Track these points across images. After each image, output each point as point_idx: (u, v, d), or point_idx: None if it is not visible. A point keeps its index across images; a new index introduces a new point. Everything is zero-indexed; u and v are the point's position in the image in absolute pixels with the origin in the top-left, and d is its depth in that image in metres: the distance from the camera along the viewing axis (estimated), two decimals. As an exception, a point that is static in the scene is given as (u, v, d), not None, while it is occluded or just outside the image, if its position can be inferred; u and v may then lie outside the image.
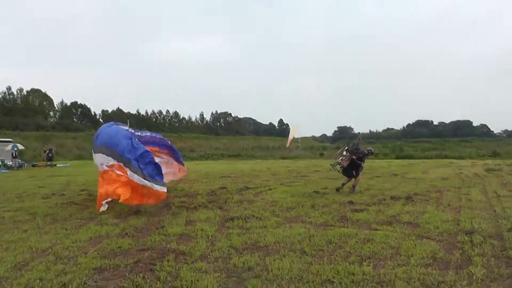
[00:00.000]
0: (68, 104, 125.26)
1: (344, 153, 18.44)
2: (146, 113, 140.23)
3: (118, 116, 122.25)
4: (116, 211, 13.03)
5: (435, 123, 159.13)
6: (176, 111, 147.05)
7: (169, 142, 18.79)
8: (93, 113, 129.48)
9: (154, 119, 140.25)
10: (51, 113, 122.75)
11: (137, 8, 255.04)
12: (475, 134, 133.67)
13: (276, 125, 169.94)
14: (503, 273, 6.82)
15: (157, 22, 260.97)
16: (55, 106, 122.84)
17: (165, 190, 12.88)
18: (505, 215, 11.97)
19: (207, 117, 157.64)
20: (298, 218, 11.79)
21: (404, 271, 6.85)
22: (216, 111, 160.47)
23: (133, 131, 15.44)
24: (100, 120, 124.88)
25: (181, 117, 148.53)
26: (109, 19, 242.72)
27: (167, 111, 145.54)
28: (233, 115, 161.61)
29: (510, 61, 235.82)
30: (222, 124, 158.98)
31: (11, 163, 43.46)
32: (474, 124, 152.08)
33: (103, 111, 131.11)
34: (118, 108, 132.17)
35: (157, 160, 14.44)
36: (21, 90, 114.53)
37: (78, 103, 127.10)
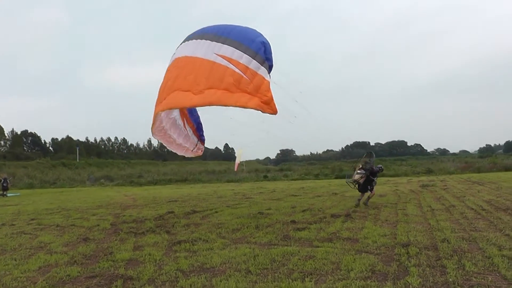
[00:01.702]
0: (19, 132, 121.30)
1: (359, 170, 19.43)
2: (95, 140, 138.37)
3: (67, 144, 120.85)
4: (65, 239, 12.86)
5: (372, 143, 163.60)
6: (124, 138, 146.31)
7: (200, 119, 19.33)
8: (43, 141, 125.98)
9: (103, 146, 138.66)
10: (2, 142, 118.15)
11: (86, 36, 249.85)
12: (410, 153, 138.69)
13: (222, 150, 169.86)
14: (438, 281, 7.22)
15: (103, 50, 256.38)
16: (6, 135, 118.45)
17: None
18: (439, 227, 12.61)
19: (155, 143, 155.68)
20: (243, 239, 11.98)
21: (344, 285, 7.14)
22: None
23: None
24: (50, 148, 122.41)
25: (129, 144, 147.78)
26: (58, 47, 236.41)
27: (116, 138, 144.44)
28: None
29: (441, 84, 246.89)
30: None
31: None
32: (409, 143, 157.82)
33: (53, 139, 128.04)
34: (68, 136, 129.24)
35: (178, 131, 16.33)
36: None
37: (29, 131, 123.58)
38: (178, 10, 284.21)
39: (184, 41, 15.21)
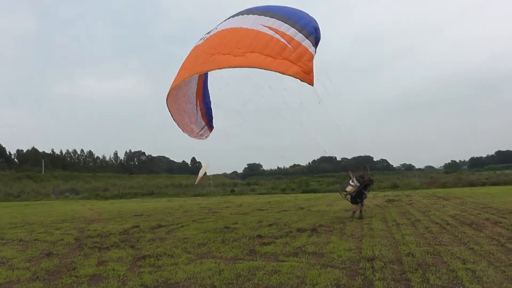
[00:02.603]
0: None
1: (351, 182, 19.84)
2: (61, 152, 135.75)
3: (33, 155, 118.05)
4: (27, 255, 12.49)
5: (338, 158, 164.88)
6: (90, 150, 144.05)
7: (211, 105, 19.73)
8: (8, 153, 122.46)
9: (68, 158, 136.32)
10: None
11: (55, 46, 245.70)
12: (376, 168, 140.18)
13: (189, 163, 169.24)
14: (402, 295, 7.18)
15: (71, 61, 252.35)
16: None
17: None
18: (404, 241, 12.67)
19: (121, 156, 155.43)
20: (209, 254, 11.83)
21: (309, 299, 7.02)
22: (130, 150, 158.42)
23: None
24: (15, 160, 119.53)
25: (95, 156, 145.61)
26: (24, 58, 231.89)
27: (82, 150, 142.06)
28: (146, 154, 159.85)
29: (407, 100, 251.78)
30: (136, 163, 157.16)
31: None
32: (375, 159, 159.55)
33: (18, 150, 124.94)
34: (33, 147, 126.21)
35: (190, 107, 17.13)
36: None
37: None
38: (148, 23, 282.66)
39: (227, 18, 15.51)
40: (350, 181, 20.00)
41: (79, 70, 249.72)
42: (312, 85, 12.08)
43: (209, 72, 16.62)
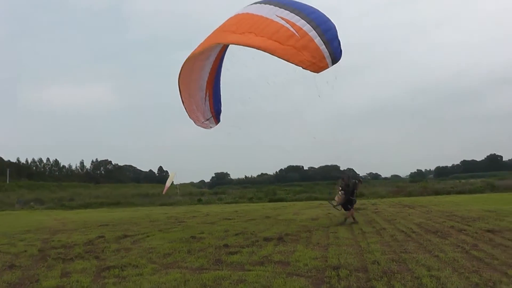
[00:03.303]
0: None
1: (339, 192, 20.93)
2: (26, 161, 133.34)
3: None
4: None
5: (305, 168, 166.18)
6: (56, 159, 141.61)
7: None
8: None
9: (34, 167, 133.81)
10: None
11: (19, 54, 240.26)
12: (337, 176, 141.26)
13: (156, 172, 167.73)
14: (367, 303, 7.16)
15: (38, 68, 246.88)
16: None
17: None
18: (370, 249, 12.73)
19: (88, 165, 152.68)
20: (175, 264, 11.69)
21: (274, 308, 6.94)
22: (97, 159, 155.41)
23: None
24: None
25: (61, 165, 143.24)
26: None
27: (48, 159, 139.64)
28: (113, 163, 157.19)
29: (374, 110, 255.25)
30: (103, 172, 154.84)
31: None
32: (342, 168, 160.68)
33: None
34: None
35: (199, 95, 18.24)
36: None
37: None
38: (118, 31, 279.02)
39: (247, 6, 15.94)
40: (339, 191, 21.14)
41: (45, 77, 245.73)
42: (317, 72, 12.58)
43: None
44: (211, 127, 20.74)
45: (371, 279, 8.85)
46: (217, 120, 20.42)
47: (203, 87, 18.86)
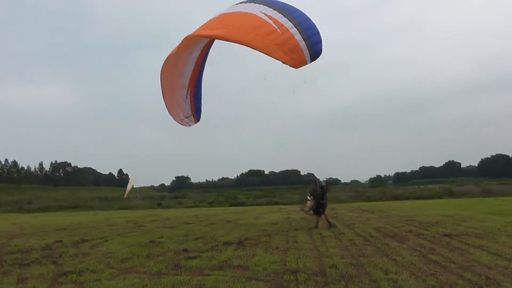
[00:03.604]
0: None
1: (309, 197, 21.31)
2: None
3: None
4: None
5: (266, 172, 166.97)
6: (14, 161, 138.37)
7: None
8: None
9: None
10: None
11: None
12: (302, 182, 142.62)
13: (116, 175, 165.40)
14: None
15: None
16: None
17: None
18: (328, 253, 12.85)
19: (47, 167, 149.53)
20: (133, 269, 11.53)
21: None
22: (56, 160, 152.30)
23: None
24: None
25: (20, 167, 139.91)
26: None
27: (6, 160, 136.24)
28: (72, 165, 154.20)
29: (333, 117, 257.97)
30: (62, 175, 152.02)
31: None
32: (302, 173, 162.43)
33: None
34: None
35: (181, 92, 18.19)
36: None
37: None
38: (79, 31, 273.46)
39: (232, 6, 16.05)
40: (308, 196, 21.54)
41: (1, 75, 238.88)
42: (296, 67, 12.79)
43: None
44: (190, 125, 20.78)
45: (329, 283, 8.93)
46: (196, 118, 20.51)
47: (186, 84, 18.97)
